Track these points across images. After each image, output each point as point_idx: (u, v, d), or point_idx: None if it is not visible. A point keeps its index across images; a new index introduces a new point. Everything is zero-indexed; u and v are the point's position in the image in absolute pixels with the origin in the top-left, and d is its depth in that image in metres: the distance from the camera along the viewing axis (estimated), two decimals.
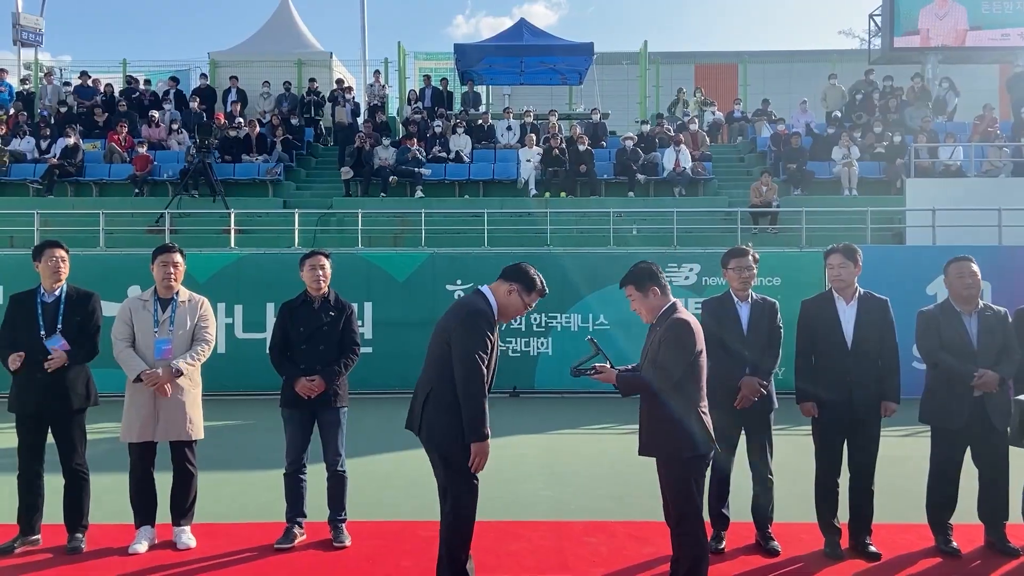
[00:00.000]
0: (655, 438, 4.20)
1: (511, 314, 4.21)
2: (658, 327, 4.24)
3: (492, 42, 19.53)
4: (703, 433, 4.17)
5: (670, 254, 12.83)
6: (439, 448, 4.07)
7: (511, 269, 4.23)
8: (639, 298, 4.27)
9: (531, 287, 4.18)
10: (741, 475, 5.49)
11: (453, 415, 4.03)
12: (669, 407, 4.12)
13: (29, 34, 21.63)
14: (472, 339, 3.98)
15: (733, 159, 19.09)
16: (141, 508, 5.32)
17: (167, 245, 5.39)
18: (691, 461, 4.15)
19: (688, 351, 4.11)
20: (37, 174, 16.35)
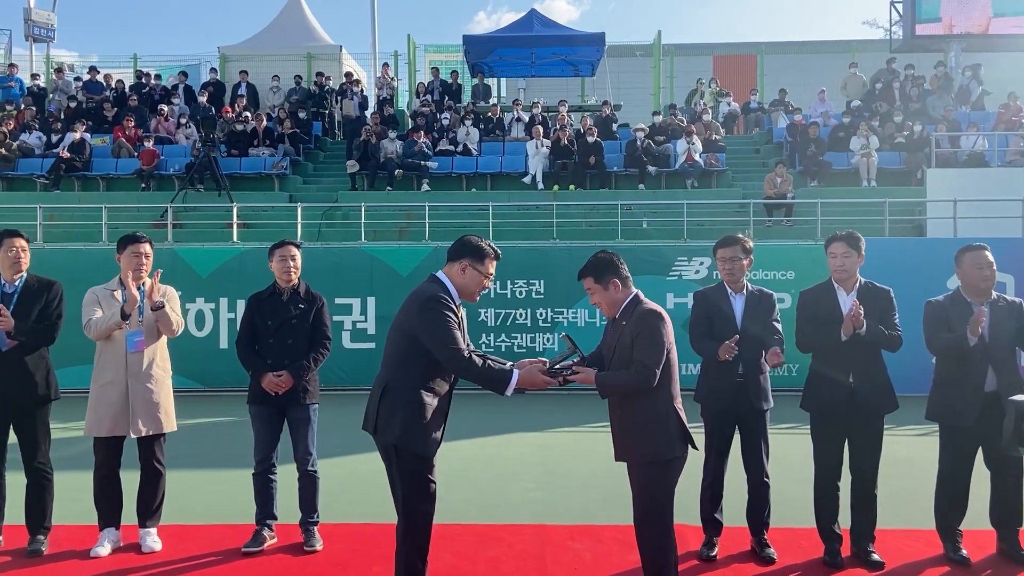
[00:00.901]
0: (632, 441, 3.90)
1: (474, 290, 3.91)
2: (623, 321, 3.94)
3: (502, 33, 19.22)
4: (681, 432, 3.89)
5: (681, 247, 12.53)
6: (392, 448, 3.78)
7: (454, 247, 3.96)
8: (599, 291, 3.98)
9: (481, 255, 3.90)
10: (735, 477, 5.18)
11: (409, 414, 3.75)
12: (648, 407, 3.84)
13: (41, 29, 21.66)
14: (437, 326, 3.69)
15: (748, 150, 18.67)
16: (105, 509, 5.10)
17: (135, 235, 5.16)
18: (671, 463, 3.87)
19: (665, 343, 3.83)
20: (44, 169, 16.31)
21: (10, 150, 16.53)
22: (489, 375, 3.74)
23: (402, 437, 3.74)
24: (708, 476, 5.09)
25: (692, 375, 9.06)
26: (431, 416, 3.79)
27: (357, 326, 12.01)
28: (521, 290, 12.33)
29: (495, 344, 12.36)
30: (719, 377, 4.99)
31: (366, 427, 3.90)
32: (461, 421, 9.70)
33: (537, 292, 12.21)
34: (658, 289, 12.21)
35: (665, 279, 12.27)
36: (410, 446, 3.75)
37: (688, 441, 3.91)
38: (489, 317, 12.36)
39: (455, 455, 7.88)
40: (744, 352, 4.94)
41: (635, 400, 3.86)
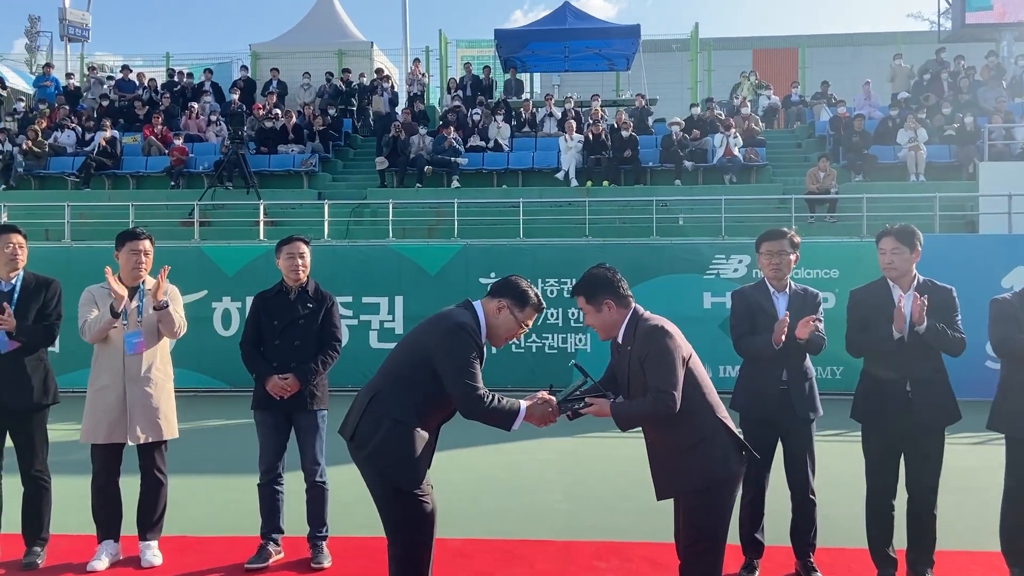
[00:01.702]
0: (680, 469, 3.46)
1: (503, 336, 3.55)
2: (627, 346, 3.51)
3: (534, 27, 18.82)
4: (734, 443, 3.47)
5: (718, 244, 12.06)
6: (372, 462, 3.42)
7: (499, 283, 3.60)
8: (591, 312, 3.56)
9: (524, 302, 3.53)
10: (778, 493, 4.74)
11: (394, 434, 3.39)
12: (691, 428, 3.42)
13: (76, 29, 21.78)
14: (459, 356, 3.35)
15: (789, 145, 18.06)
16: (103, 520, 4.82)
17: (134, 231, 4.88)
18: (728, 484, 3.45)
19: (678, 358, 3.39)
20: (75, 167, 16.31)
21: (42, 148, 16.56)
22: (496, 413, 3.38)
23: (379, 459, 3.39)
24: (748, 492, 4.64)
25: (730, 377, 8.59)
26: (415, 446, 3.42)
27: (384, 325, 11.72)
28: (552, 289, 11.95)
29: (526, 345, 11.98)
30: (760, 383, 4.56)
31: (342, 431, 3.54)
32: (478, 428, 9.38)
33: (569, 291, 11.80)
34: (694, 288, 11.76)
35: (702, 277, 11.81)
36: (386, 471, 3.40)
37: (744, 452, 3.50)
38: None
39: (477, 463, 7.53)
40: (788, 356, 4.50)
41: (675, 424, 3.41)
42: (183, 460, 7.43)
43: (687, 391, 3.39)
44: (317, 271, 12.60)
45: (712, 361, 11.66)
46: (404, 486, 3.38)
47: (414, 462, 3.40)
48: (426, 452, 3.47)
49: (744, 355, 4.65)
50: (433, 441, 3.54)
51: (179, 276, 12.60)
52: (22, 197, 15.46)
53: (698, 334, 11.28)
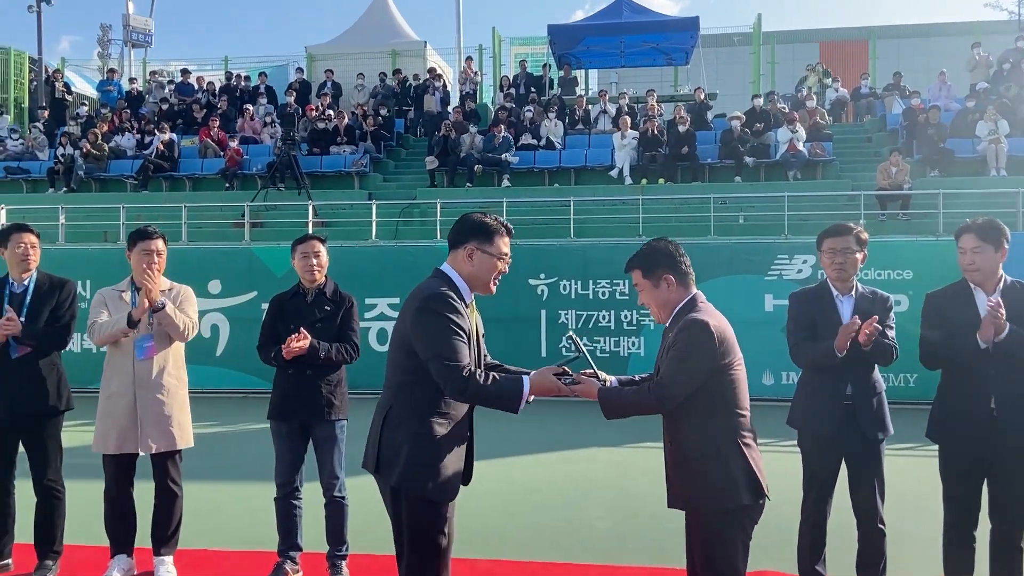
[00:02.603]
0: (684, 482, 3.07)
1: (488, 277, 3.13)
2: (670, 332, 3.11)
3: (589, 22, 18.35)
4: (746, 474, 3.00)
5: (781, 244, 11.46)
6: (398, 488, 3.01)
7: (454, 230, 3.19)
8: (647, 288, 3.15)
9: (488, 233, 3.12)
10: (842, 522, 4.24)
11: (415, 449, 2.97)
12: (700, 440, 3.01)
13: (139, 35, 22.19)
14: (433, 333, 2.93)
15: (859, 139, 17.21)
16: (116, 534, 4.60)
17: (147, 231, 4.63)
18: (734, 514, 2.99)
19: (703, 362, 2.97)
20: (135, 170, 16.51)
21: (103, 152, 16.81)
22: (496, 392, 2.93)
23: (407, 479, 2.96)
24: (808, 518, 4.15)
25: (794, 385, 8.00)
26: (445, 450, 3.00)
27: None
28: (604, 291, 11.52)
29: (575, 348, 11.57)
30: (821, 398, 4.06)
31: (366, 465, 3.14)
32: (526, 432, 9.10)
33: (621, 293, 11.38)
34: (755, 290, 11.21)
35: (763, 278, 11.26)
36: (418, 490, 2.97)
37: (758, 489, 3.02)
38: (570, 319, 11.61)
39: (514, 473, 7.15)
40: (853, 367, 3.99)
41: (685, 431, 3.05)
42: (216, 465, 7.29)
43: (707, 399, 2.99)
44: (363, 273, 12.54)
45: (774, 368, 11.09)
46: (431, 495, 2.96)
47: (445, 470, 2.99)
48: (457, 454, 3.05)
49: (802, 364, 4.16)
50: (465, 435, 3.12)
51: (229, 277, 12.70)
52: (82, 200, 15.70)
53: (759, 338, 10.82)
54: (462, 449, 3.10)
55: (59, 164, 16.46)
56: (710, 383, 2.99)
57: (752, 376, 12.41)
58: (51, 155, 17.11)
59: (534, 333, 11.46)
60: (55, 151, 16.93)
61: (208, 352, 12.06)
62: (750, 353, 11.85)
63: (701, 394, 2.99)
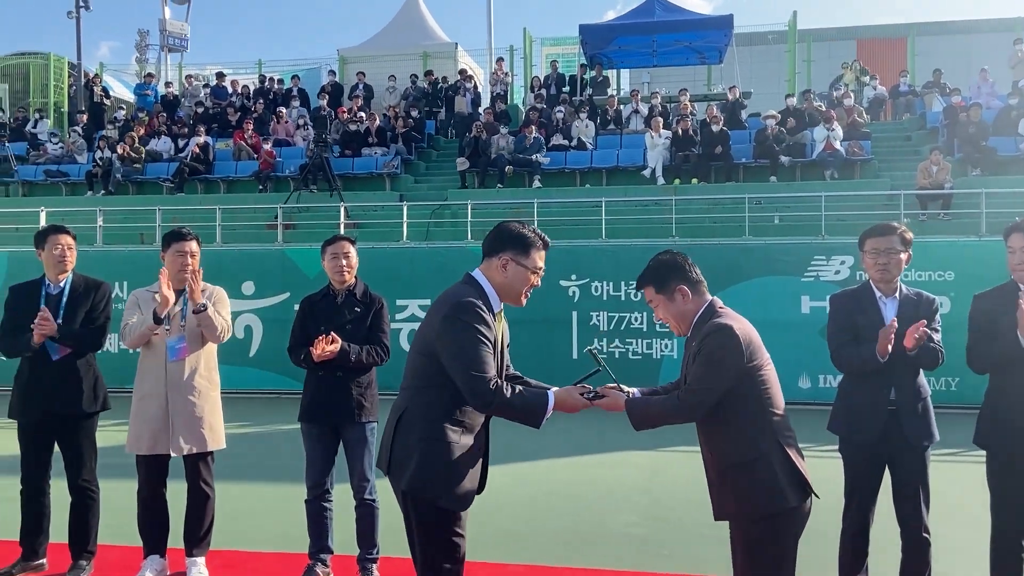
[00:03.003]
0: (728, 491, 2.98)
1: (520, 289, 3.03)
2: (692, 341, 3.04)
3: (621, 21, 18.21)
4: (791, 474, 2.92)
5: (818, 244, 11.27)
6: (407, 491, 2.94)
7: (490, 238, 3.09)
8: (662, 303, 3.09)
9: (526, 245, 3.02)
10: (885, 530, 4.11)
11: (428, 455, 2.90)
12: (738, 445, 2.94)
13: (175, 40, 22.49)
14: (460, 343, 2.86)
15: (898, 138, 16.88)
16: (149, 535, 4.61)
17: (180, 232, 4.64)
18: (782, 519, 2.90)
19: (730, 367, 2.89)
20: (170, 173, 16.71)
21: (139, 155, 17.05)
22: (520, 405, 2.87)
23: (417, 484, 2.90)
24: (850, 528, 4.03)
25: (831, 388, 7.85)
26: (458, 458, 2.92)
27: None
28: (636, 292, 11.38)
29: (608, 350, 11.47)
30: (863, 403, 3.93)
31: (379, 464, 3.12)
32: (556, 435, 9.01)
33: None
34: (791, 291, 11.03)
35: (800, 280, 11.07)
36: (428, 496, 2.90)
37: (804, 488, 2.94)
38: (602, 321, 11.51)
39: (546, 477, 7.08)
40: (897, 371, 3.86)
41: (723, 439, 2.97)
42: (249, 466, 7.32)
43: (741, 404, 2.92)
44: (394, 274, 12.53)
45: (811, 371, 10.89)
46: (443, 503, 2.90)
47: (458, 478, 2.91)
48: (471, 463, 2.97)
49: (843, 369, 4.03)
50: (481, 445, 3.05)
51: (262, 278, 12.76)
52: (119, 202, 15.94)
53: (794, 341, 10.66)
54: (477, 458, 3.02)
55: (97, 167, 16.72)
56: (741, 387, 2.92)
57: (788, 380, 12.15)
58: (89, 158, 17.39)
59: (565, 335, 11.38)
60: (93, 154, 17.19)
61: (241, 353, 12.15)
62: (786, 356, 11.71)
63: (734, 399, 2.91)
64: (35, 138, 18.88)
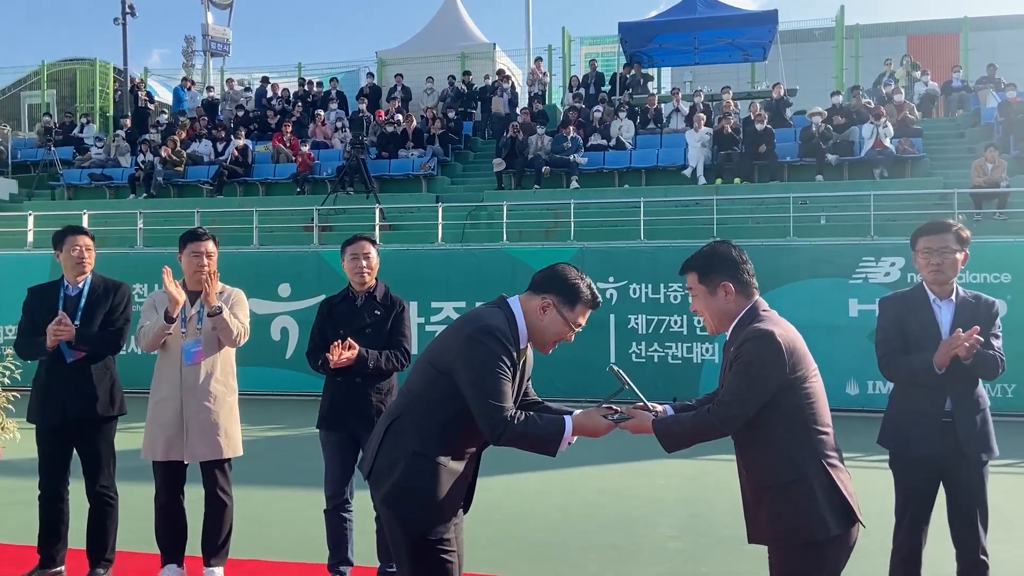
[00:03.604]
0: (764, 513, 2.71)
1: (550, 340, 2.83)
2: (730, 346, 2.77)
3: (661, 18, 17.88)
4: (835, 499, 2.64)
5: (867, 245, 10.88)
6: (388, 505, 2.76)
7: (542, 276, 2.86)
8: (701, 295, 2.80)
9: (574, 298, 2.80)
10: (939, 552, 3.80)
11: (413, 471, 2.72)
12: (777, 464, 2.66)
13: (217, 44, 22.73)
14: (481, 369, 2.66)
15: (951, 134, 16.29)
16: (166, 543, 4.49)
17: (197, 232, 4.52)
18: (823, 547, 2.63)
19: (770, 377, 2.61)
20: (210, 175, 16.84)
21: (180, 158, 17.21)
22: (534, 434, 2.66)
23: (393, 497, 2.73)
24: (901, 548, 3.73)
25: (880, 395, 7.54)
26: (443, 481, 2.74)
27: None
28: (676, 294, 11.11)
29: (647, 354, 11.21)
30: (916, 414, 3.64)
31: (361, 467, 2.93)
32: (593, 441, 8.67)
33: None
34: (838, 294, 10.67)
35: (847, 282, 10.71)
36: (400, 513, 2.73)
37: (849, 515, 2.66)
38: (640, 324, 11.25)
39: (583, 486, 6.84)
40: (953, 380, 3.57)
41: (761, 456, 2.69)
42: (277, 470, 7.22)
43: (783, 419, 2.64)
44: (428, 276, 12.41)
45: (859, 376, 10.49)
46: (421, 531, 2.71)
47: (436, 503, 2.72)
48: (455, 490, 2.78)
49: (892, 378, 3.74)
50: (468, 474, 2.86)
51: (298, 280, 12.73)
52: (161, 205, 16.10)
53: (842, 345, 10.28)
54: (461, 487, 2.82)
55: (140, 171, 16.92)
56: (783, 400, 2.64)
57: (835, 386, 11.79)
58: (132, 162, 17.60)
59: (602, 339, 11.14)
60: (136, 158, 17.40)
61: (278, 355, 12.14)
62: (833, 361, 11.26)
63: (774, 413, 2.64)
64: (81, 142, 19.20)
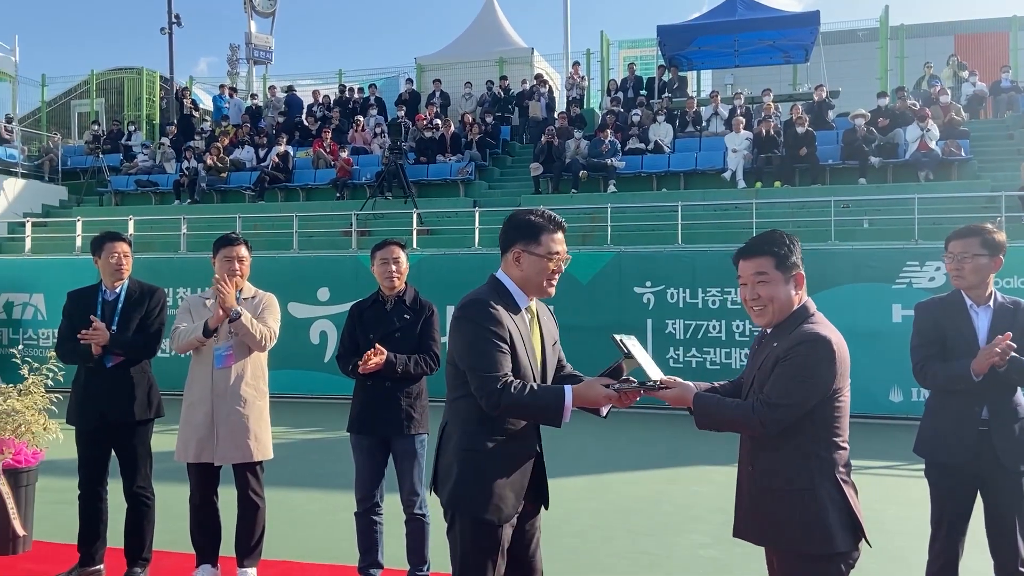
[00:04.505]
0: (765, 515, 2.68)
1: (539, 280, 2.83)
2: (774, 341, 2.70)
3: (701, 21, 17.72)
4: (845, 515, 2.59)
5: (911, 249, 10.65)
6: (452, 505, 2.79)
7: (501, 233, 2.93)
8: (775, 282, 2.68)
9: (532, 232, 2.83)
10: (977, 562, 3.70)
11: (465, 467, 2.76)
12: (791, 469, 2.63)
13: (260, 52, 23.11)
14: (468, 343, 2.72)
15: (1000, 136, 15.87)
16: (200, 544, 4.56)
17: (230, 236, 4.59)
18: (828, 562, 2.58)
19: (820, 385, 2.56)
20: (252, 181, 17.11)
21: (224, 164, 17.52)
22: (532, 403, 2.66)
23: (455, 498, 2.75)
24: (936, 559, 3.64)
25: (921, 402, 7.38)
26: (497, 466, 2.75)
27: None
28: (714, 299, 11.00)
29: (684, 359, 11.10)
30: (952, 421, 3.56)
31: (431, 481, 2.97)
32: (630, 447, 8.74)
33: (733, 301, 10.82)
34: (882, 299, 10.45)
35: (891, 287, 10.48)
36: (467, 509, 2.73)
37: (856, 533, 2.61)
38: (677, 329, 11.15)
39: (618, 492, 6.79)
40: (989, 387, 3.47)
41: (778, 459, 2.64)
42: (313, 472, 7.29)
43: (811, 427, 2.60)
44: (466, 279, 12.40)
45: (903, 383, 10.25)
46: (480, 513, 2.71)
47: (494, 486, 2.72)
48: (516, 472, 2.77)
49: (927, 385, 3.66)
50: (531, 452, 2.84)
51: (337, 284, 12.84)
52: (204, 210, 16.39)
53: (885, 351, 10.07)
54: (521, 466, 2.80)
55: (184, 177, 17.26)
56: (816, 409, 2.59)
57: (879, 393, 11.51)
58: (177, 169, 17.97)
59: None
60: (181, 165, 17.76)
61: (317, 358, 12.28)
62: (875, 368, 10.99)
63: (805, 420, 2.59)
64: (128, 150, 19.66)
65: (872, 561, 5.09)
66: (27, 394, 5.25)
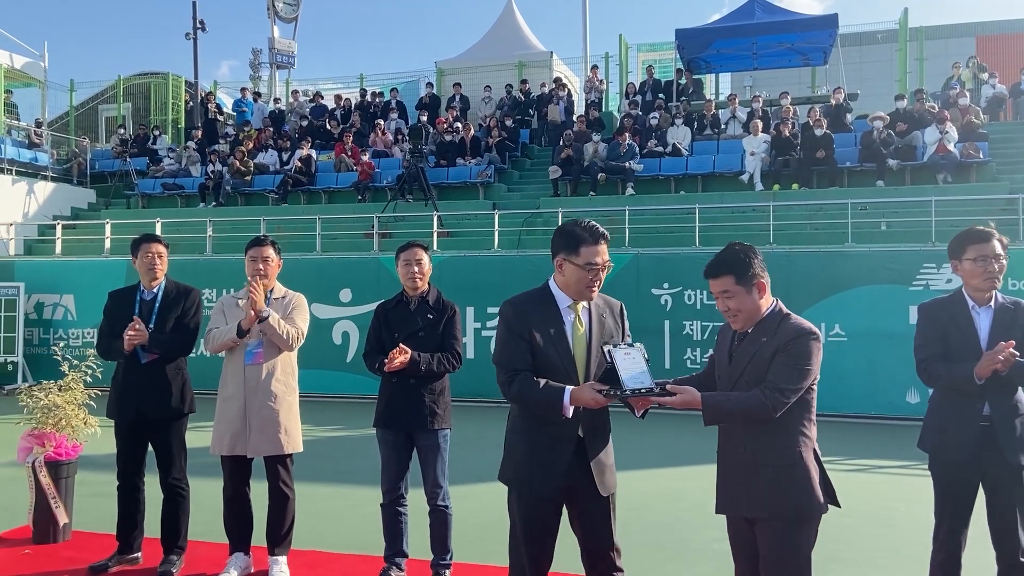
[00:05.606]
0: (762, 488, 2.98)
1: (579, 288, 3.13)
2: (761, 337, 3.01)
3: (719, 24, 17.82)
4: (824, 482, 3.05)
5: (928, 251, 10.70)
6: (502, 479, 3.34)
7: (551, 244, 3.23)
8: (740, 295, 3.03)
9: (573, 243, 3.10)
10: (980, 553, 3.82)
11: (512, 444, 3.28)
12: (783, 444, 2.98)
13: (283, 57, 23.45)
14: (496, 338, 3.26)
15: (1020, 138, 15.84)
16: (233, 532, 4.78)
17: (258, 237, 4.81)
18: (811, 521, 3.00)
19: (814, 371, 2.98)
20: (275, 184, 17.41)
21: (248, 168, 17.83)
22: (536, 397, 3.05)
23: (502, 471, 3.29)
24: (940, 551, 3.77)
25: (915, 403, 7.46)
26: (532, 440, 3.16)
27: None
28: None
29: (701, 361, 11.20)
30: (955, 418, 3.69)
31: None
32: (646, 445, 8.85)
33: None
34: (899, 301, 10.50)
35: (908, 289, 10.53)
36: (509, 481, 3.25)
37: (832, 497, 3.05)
38: (695, 330, 11.26)
39: (635, 489, 6.93)
40: (991, 385, 3.60)
41: (773, 437, 2.99)
42: (335, 468, 7.50)
43: (798, 407, 2.98)
44: (484, 282, 12.59)
45: (920, 384, 10.24)
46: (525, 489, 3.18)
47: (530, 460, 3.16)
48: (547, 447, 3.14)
49: (931, 384, 3.81)
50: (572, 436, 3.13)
51: (359, 286, 13.07)
52: (228, 213, 16.71)
53: (902, 353, 10.02)
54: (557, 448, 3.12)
55: (209, 180, 17.59)
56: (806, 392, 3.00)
57: (896, 394, 11.58)
58: (202, 172, 18.31)
59: (657, 345, 11.19)
60: (206, 168, 18.10)
61: (339, 358, 12.50)
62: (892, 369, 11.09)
63: (797, 403, 2.97)
64: (154, 153, 20.05)
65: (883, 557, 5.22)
66: (67, 390, 5.50)
